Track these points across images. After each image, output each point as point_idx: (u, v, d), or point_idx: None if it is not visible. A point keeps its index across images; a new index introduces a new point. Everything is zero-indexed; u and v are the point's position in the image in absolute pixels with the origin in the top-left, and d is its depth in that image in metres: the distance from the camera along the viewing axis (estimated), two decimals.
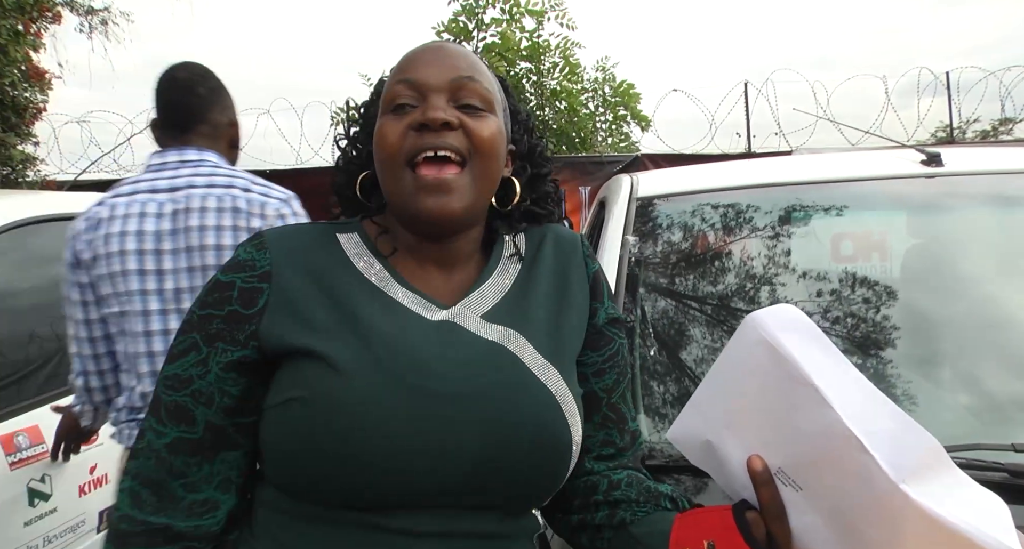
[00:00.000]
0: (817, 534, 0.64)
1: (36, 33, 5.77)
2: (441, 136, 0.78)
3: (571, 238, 0.93)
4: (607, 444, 0.86)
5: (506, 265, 0.88)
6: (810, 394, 0.61)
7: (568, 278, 0.88)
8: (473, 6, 7.97)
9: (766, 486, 0.66)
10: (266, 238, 0.82)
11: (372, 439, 0.70)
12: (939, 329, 1.36)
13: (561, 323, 0.84)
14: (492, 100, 0.84)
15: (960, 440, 0.99)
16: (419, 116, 0.79)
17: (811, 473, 0.63)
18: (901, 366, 1.27)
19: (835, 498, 0.61)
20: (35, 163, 6.30)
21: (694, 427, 0.73)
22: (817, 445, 0.61)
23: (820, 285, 1.45)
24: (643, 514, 0.79)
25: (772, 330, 0.66)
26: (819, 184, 1.65)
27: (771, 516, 0.66)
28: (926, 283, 1.53)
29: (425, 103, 0.80)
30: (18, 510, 1.76)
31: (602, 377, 0.87)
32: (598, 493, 0.83)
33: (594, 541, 0.83)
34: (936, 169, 1.57)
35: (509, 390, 0.75)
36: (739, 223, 1.58)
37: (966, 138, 9.31)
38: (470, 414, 0.73)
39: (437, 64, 0.82)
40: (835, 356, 0.65)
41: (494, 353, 0.78)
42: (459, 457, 0.72)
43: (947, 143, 7.94)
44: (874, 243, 1.78)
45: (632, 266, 1.47)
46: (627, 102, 8.38)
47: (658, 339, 1.38)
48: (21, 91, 5.77)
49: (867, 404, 0.60)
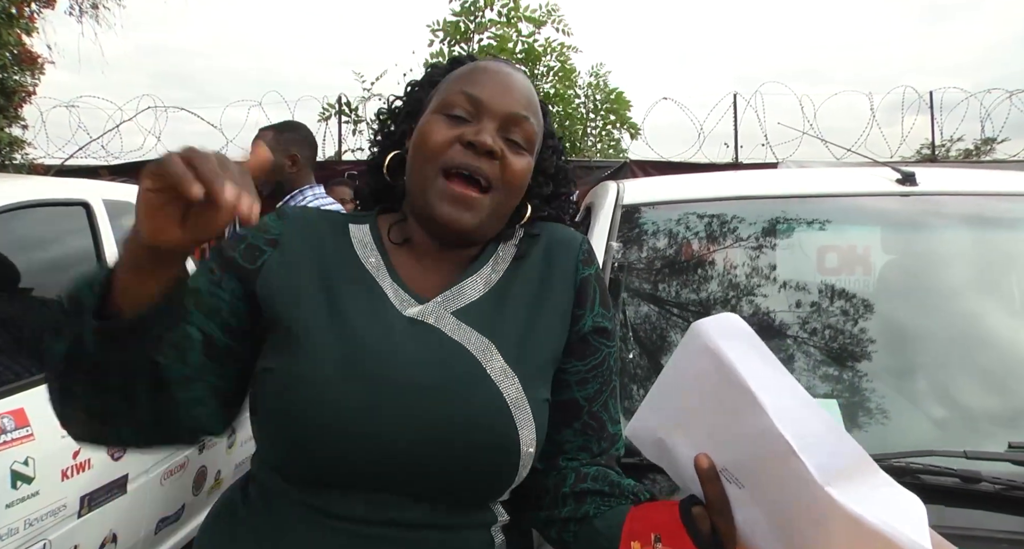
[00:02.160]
0: (758, 527, 0.68)
1: (30, 17, 5.73)
2: (481, 161, 0.83)
3: (567, 241, 0.93)
4: (583, 449, 0.88)
5: (494, 263, 0.90)
6: (748, 399, 0.65)
7: (551, 282, 0.89)
8: (472, 7, 7.98)
9: (711, 483, 0.70)
10: (287, 212, 0.90)
11: (319, 416, 0.75)
12: (906, 342, 1.42)
13: (535, 329, 0.86)
14: (534, 141, 0.89)
15: (917, 447, 1.05)
16: (471, 135, 0.84)
17: (751, 472, 0.67)
18: (868, 376, 1.32)
19: (772, 496, 0.65)
20: (23, 146, 6.25)
21: (648, 425, 0.77)
22: (754, 447, 0.65)
23: (799, 296, 1.51)
24: (607, 508, 0.82)
25: (715, 337, 0.69)
26: (800, 198, 1.70)
27: (715, 510, 0.70)
28: (898, 297, 1.59)
29: (479, 123, 0.85)
30: (1, 492, 1.77)
31: (585, 386, 0.88)
32: (565, 486, 0.85)
33: (562, 534, 0.85)
34: (911, 188, 1.63)
35: (459, 388, 0.78)
36: (722, 233, 1.63)
37: (949, 156, 9.47)
38: (416, 406, 0.76)
39: (502, 91, 0.87)
40: (773, 364, 0.68)
41: (455, 353, 0.81)
42: (396, 444, 0.76)
43: (929, 161, 8.07)
44: (857, 257, 1.83)
45: (616, 271, 1.51)
46: (618, 109, 8.44)
47: (639, 343, 1.42)
48: (11, 74, 5.74)
49: (800, 410, 0.64)
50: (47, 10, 6.05)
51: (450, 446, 0.76)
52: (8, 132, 6.04)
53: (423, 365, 0.79)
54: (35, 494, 1.87)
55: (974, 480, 1.01)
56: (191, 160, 0.60)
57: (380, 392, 0.77)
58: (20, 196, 2.21)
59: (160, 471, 2.43)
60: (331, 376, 0.77)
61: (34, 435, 1.90)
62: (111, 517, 2.19)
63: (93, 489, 2.11)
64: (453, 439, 0.77)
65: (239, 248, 0.86)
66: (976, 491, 1.00)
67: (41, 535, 1.90)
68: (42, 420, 1.93)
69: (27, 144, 6.39)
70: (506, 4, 8.00)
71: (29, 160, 6.42)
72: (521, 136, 0.87)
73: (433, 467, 0.77)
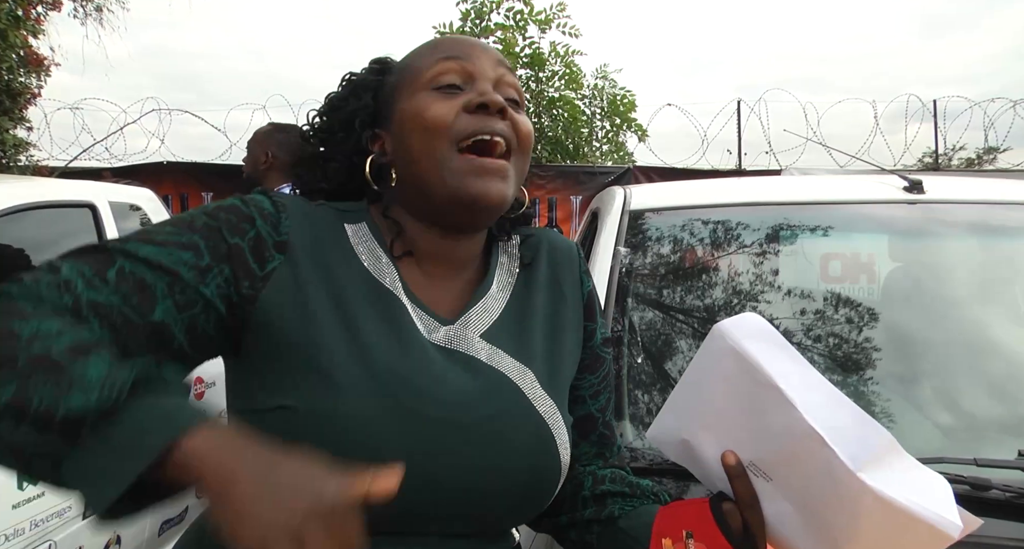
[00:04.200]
0: (787, 519, 0.69)
1: (36, 19, 5.77)
2: (496, 121, 0.76)
3: (566, 248, 0.91)
4: (599, 457, 0.89)
5: (504, 273, 0.85)
6: (775, 396, 0.67)
7: (563, 293, 0.87)
8: (480, 9, 7.98)
9: (739, 478, 0.70)
10: (286, 203, 0.75)
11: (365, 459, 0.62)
12: (915, 349, 1.42)
13: (558, 347, 0.84)
14: (523, 99, 0.84)
15: (927, 454, 1.05)
16: (476, 97, 0.75)
17: (779, 466, 0.68)
18: (878, 383, 1.33)
19: (801, 487, 0.67)
20: (27, 148, 6.28)
21: (671, 428, 0.78)
22: (784, 441, 0.67)
23: (805, 303, 1.51)
24: (630, 508, 0.82)
25: (737, 338, 0.71)
26: (806, 205, 1.71)
27: (745, 505, 0.71)
28: (904, 305, 1.59)
29: (475, 85, 0.77)
30: (7, 493, 1.77)
31: (597, 398, 0.88)
32: (584, 490, 0.85)
33: (583, 536, 0.85)
34: (918, 196, 1.64)
35: (508, 421, 0.74)
36: (729, 239, 1.64)
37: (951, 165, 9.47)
38: (466, 445, 0.70)
39: (481, 53, 0.80)
40: (797, 360, 0.70)
41: (497, 383, 0.75)
42: (449, 486, 0.70)
43: (932, 169, 8.08)
44: (862, 265, 1.84)
45: (623, 277, 1.52)
46: (625, 111, 8.39)
47: (645, 349, 1.42)
48: (17, 76, 5.77)
49: (827, 403, 0.66)
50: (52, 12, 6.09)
51: (503, 481, 0.73)
52: (13, 134, 6.06)
53: (468, 399, 0.72)
54: (40, 495, 1.87)
55: (984, 487, 1.01)
56: None
57: (429, 431, 0.69)
58: (28, 197, 2.22)
59: None
60: (373, 415, 0.67)
61: None
62: None
63: None
64: (506, 473, 0.72)
65: (248, 236, 0.70)
66: (986, 499, 1.00)
67: (47, 536, 1.90)
68: None
69: (32, 146, 6.42)
70: (512, 7, 8.01)
71: (34, 162, 6.44)
72: (514, 92, 0.81)
73: (485, 503, 0.72)
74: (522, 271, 0.86)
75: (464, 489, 0.70)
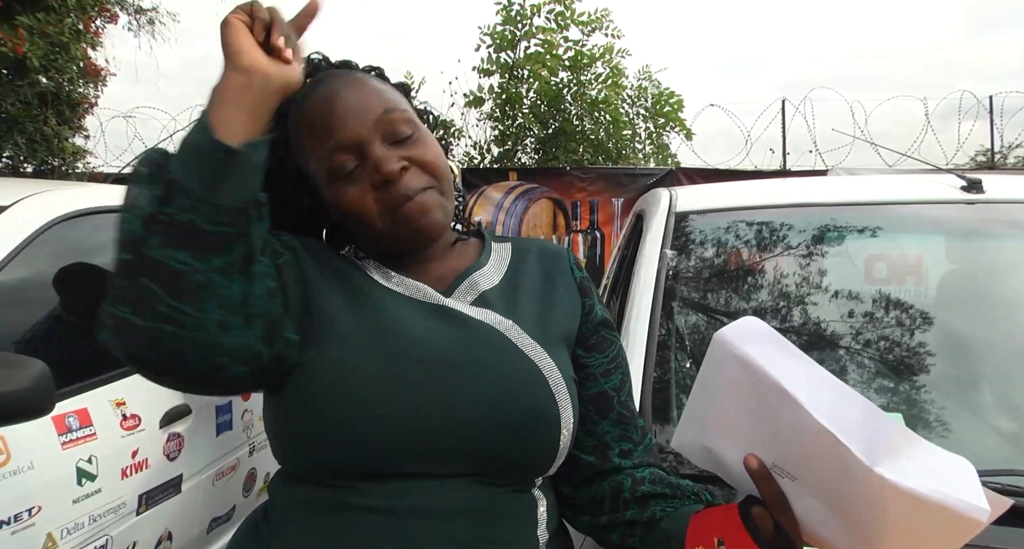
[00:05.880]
0: (818, 516, 0.68)
1: (95, 32, 6.00)
2: (402, 182, 0.82)
3: (557, 250, 0.99)
4: (625, 439, 0.90)
5: (496, 262, 0.93)
6: (782, 397, 0.66)
7: (554, 280, 0.93)
8: (523, 14, 7.98)
9: (764, 481, 0.70)
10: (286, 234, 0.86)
11: (358, 405, 0.74)
12: (975, 354, 1.37)
13: (550, 312, 0.89)
14: (412, 118, 0.87)
15: (995, 465, 1.01)
16: (374, 176, 0.82)
17: (801, 465, 0.67)
18: (936, 390, 1.28)
19: (825, 484, 0.66)
20: (84, 156, 6.53)
21: (692, 436, 0.78)
22: (798, 441, 0.66)
23: (857, 306, 1.47)
24: (672, 509, 0.82)
25: (738, 343, 0.71)
26: (860, 206, 1.66)
27: (774, 507, 0.70)
28: (963, 308, 1.54)
29: (368, 158, 0.82)
30: (67, 488, 1.83)
31: (610, 377, 0.91)
32: (624, 491, 0.86)
33: (625, 538, 0.85)
34: (977, 195, 1.58)
35: (497, 362, 0.80)
36: (779, 242, 1.61)
37: (1007, 163, 9.14)
38: (457, 381, 0.77)
39: (354, 112, 0.83)
40: (801, 359, 0.70)
41: (484, 332, 0.82)
42: (443, 420, 0.75)
43: (988, 168, 7.81)
44: (910, 266, 1.79)
45: (669, 280, 1.50)
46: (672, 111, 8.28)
47: (694, 353, 1.40)
48: (76, 87, 6.01)
49: (836, 399, 0.65)
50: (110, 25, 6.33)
51: (493, 419, 0.77)
52: (72, 142, 6.31)
53: (453, 343, 0.80)
54: (98, 491, 1.93)
55: None
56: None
57: (421, 371, 0.77)
58: (87, 203, 2.30)
59: (212, 472, 2.48)
60: (367, 357, 0.77)
61: (96, 434, 1.96)
62: (167, 516, 2.24)
63: (150, 488, 2.17)
64: (497, 410, 0.77)
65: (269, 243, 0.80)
66: None
67: (103, 531, 1.96)
68: (103, 420, 2.00)
69: (88, 153, 6.68)
70: (553, 10, 7.99)
71: (90, 169, 6.69)
72: (403, 126, 0.85)
73: (477, 441, 0.77)
74: (513, 260, 0.94)
75: (457, 424, 0.76)
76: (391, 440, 0.75)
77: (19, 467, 1.68)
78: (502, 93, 8.15)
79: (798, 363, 0.69)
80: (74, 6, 5.34)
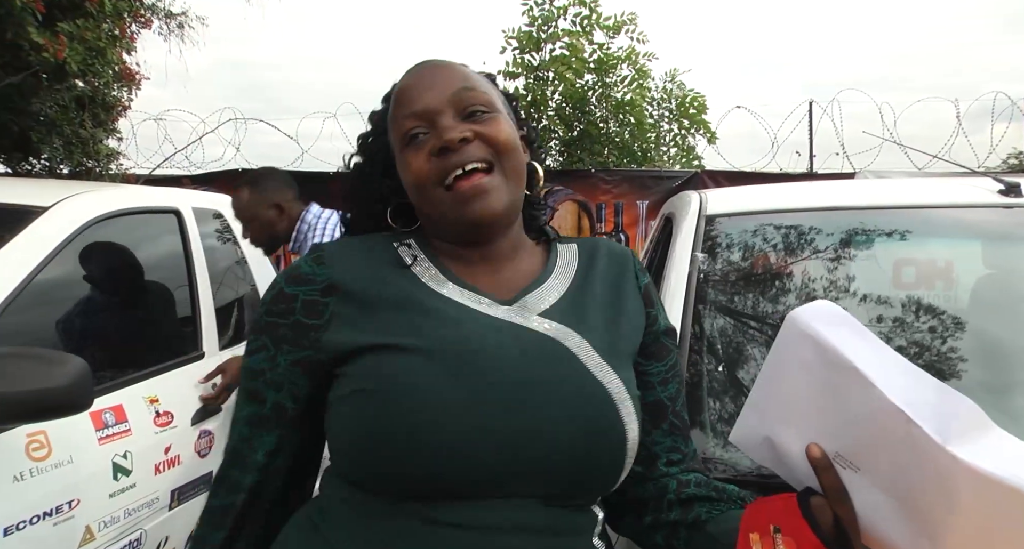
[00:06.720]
0: (879, 509, 0.67)
1: (131, 37, 6.13)
2: (462, 152, 0.83)
3: (622, 252, 0.97)
4: (674, 450, 0.90)
5: (562, 269, 0.91)
6: (854, 377, 0.66)
7: (621, 287, 0.92)
8: (548, 15, 7.98)
9: (826, 471, 0.69)
10: (325, 253, 0.86)
11: (431, 426, 0.73)
12: (1013, 360, 1.35)
13: (618, 326, 0.87)
14: (492, 100, 0.88)
15: None
16: (435, 141, 0.83)
17: (866, 453, 0.66)
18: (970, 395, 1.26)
19: (891, 473, 0.65)
20: (118, 158, 6.65)
21: (753, 427, 0.77)
22: (867, 424, 0.65)
23: (894, 312, 1.45)
24: (717, 512, 0.82)
25: (812, 323, 0.71)
26: (894, 209, 1.64)
27: (835, 499, 0.69)
28: (1002, 313, 1.51)
29: (436, 127, 0.84)
30: (104, 482, 1.87)
31: (667, 386, 0.91)
32: (669, 493, 0.86)
33: (670, 540, 0.85)
34: (1015, 199, 1.56)
35: (564, 382, 0.78)
36: (814, 245, 1.59)
37: None
38: (526, 403, 0.75)
39: (432, 86, 0.86)
40: (872, 340, 0.69)
41: (550, 347, 0.81)
42: (514, 439, 0.74)
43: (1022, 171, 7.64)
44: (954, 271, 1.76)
45: (700, 282, 1.49)
46: (696, 113, 8.22)
47: (724, 357, 1.40)
48: (111, 90, 6.13)
49: (907, 379, 0.65)
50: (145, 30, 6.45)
51: (561, 440, 0.76)
52: (106, 144, 6.43)
53: (527, 362, 0.78)
54: (133, 486, 1.97)
55: None
56: None
57: (493, 390, 0.76)
58: (121, 204, 2.36)
59: None
60: (441, 378, 0.75)
61: (131, 430, 2.00)
62: (198, 511, 2.28)
63: (182, 484, 2.21)
64: (568, 434, 0.76)
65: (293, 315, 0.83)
66: None
67: (138, 525, 2.00)
68: (137, 416, 2.04)
69: (121, 155, 6.81)
70: (579, 13, 7.98)
71: (123, 170, 6.81)
72: (477, 103, 0.86)
73: (551, 460, 0.75)
74: (580, 266, 0.92)
75: (528, 442, 0.74)
76: (472, 463, 0.74)
77: (60, 461, 1.73)
78: (527, 95, 8.15)
79: (871, 345, 0.69)
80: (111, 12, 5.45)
